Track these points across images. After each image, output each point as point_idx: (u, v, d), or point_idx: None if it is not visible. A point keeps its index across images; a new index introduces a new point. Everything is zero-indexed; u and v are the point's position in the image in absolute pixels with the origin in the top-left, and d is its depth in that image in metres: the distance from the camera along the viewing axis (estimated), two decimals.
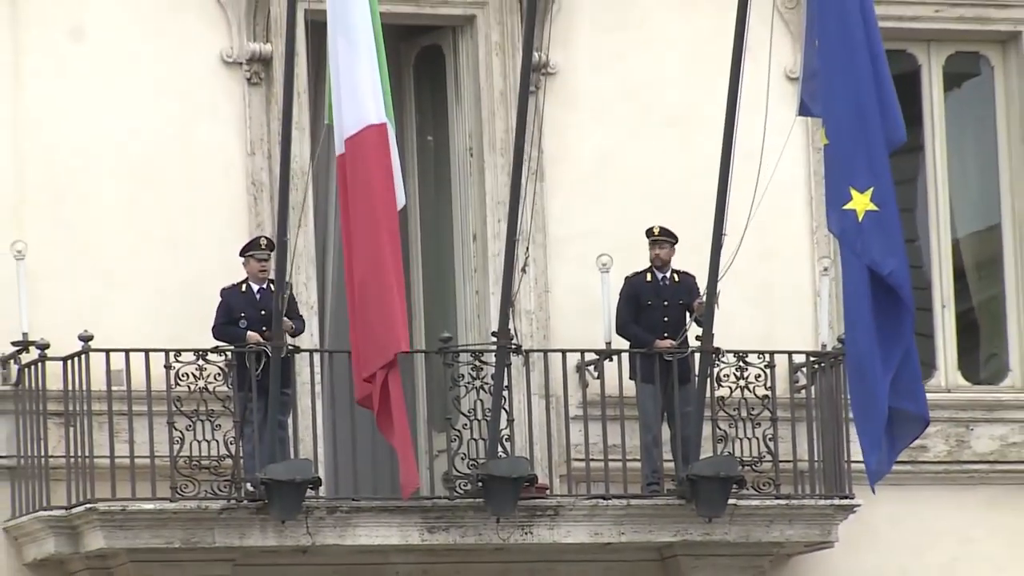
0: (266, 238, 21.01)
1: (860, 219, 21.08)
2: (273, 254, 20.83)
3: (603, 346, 21.53)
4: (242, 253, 20.84)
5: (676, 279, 21.41)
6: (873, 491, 21.45)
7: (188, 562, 20.62)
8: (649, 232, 21.40)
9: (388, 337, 20.49)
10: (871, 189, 21.10)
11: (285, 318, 21.01)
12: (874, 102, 21.46)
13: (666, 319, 21.30)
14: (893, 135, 21.33)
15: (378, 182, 20.77)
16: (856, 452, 21.60)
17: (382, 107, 20.59)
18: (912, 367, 21.36)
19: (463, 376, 21.05)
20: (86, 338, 20.11)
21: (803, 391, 21.87)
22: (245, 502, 20.34)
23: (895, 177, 22.43)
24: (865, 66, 21.46)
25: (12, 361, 20.71)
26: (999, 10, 23.49)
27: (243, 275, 20.88)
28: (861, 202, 21.05)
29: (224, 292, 20.77)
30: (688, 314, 21.42)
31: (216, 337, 20.90)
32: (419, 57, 22.73)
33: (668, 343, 21.18)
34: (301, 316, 21.06)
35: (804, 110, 21.31)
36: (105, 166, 21.60)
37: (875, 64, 21.46)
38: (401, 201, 20.57)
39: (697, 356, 21.32)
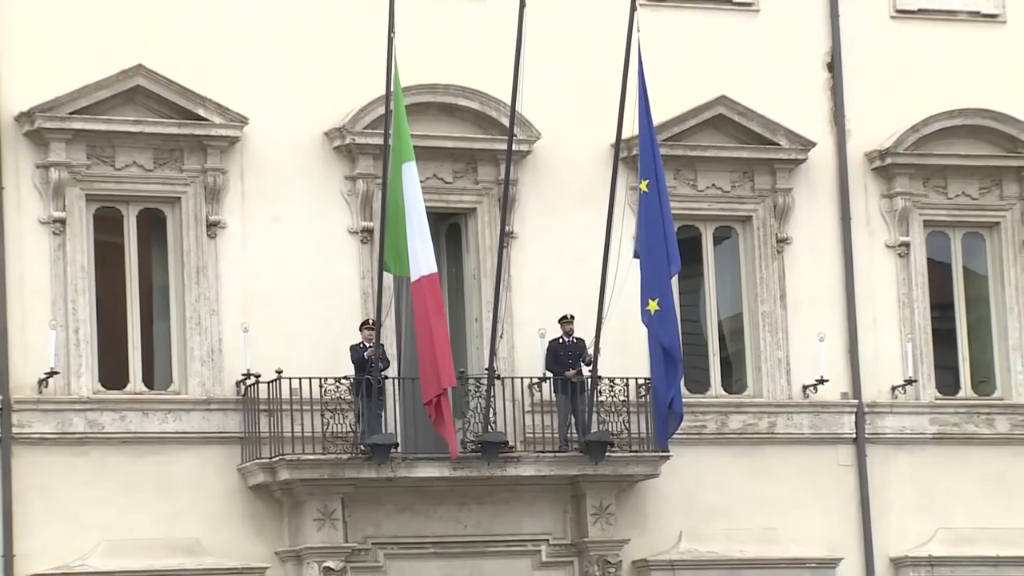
0: (371, 320, 22.06)
1: (653, 314, 22.30)
2: (371, 331, 22.04)
3: (541, 375, 22.95)
4: (360, 327, 22.13)
5: (575, 341, 22.74)
6: (666, 450, 22.68)
7: (330, 485, 21.84)
8: (561, 318, 22.75)
9: (441, 377, 21.34)
10: (657, 299, 22.22)
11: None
12: (663, 250, 22.24)
13: (570, 362, 22.65)
14: (673, 267, 22.37)
15: (433, 302, 21.51)
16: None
17: (433, 262, 21.43)
18: (678, 396, 22.48)
19: (470, 390, 22.43)
20: (279, 371, 21.72)
21: (643, 397, 23.04)
22: (359, 455, 21.80)
23: (690, 288, 24.21)
24: (659, 232, 22.22)
25: (242, 384, 22.13)
26: (740, 204, 24.32)
27: (359, 339, 22.07)
28: (652, 305, 22.21)
29: (352, 346, 21.99)
30: (581, 360, 22.67)
31: (352, 361, 21.84)
32: (448, 229, 23.62)
33: (572, 373, 22.58)
34: (388, 359, 22.12)
35: (636, 255, 22.51)
36: (287, 285, 22.63)
37: (666, 231, 22.31)
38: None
39: (589, 380, 22.71)
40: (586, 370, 22.70)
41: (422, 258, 21.30)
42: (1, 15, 21.67)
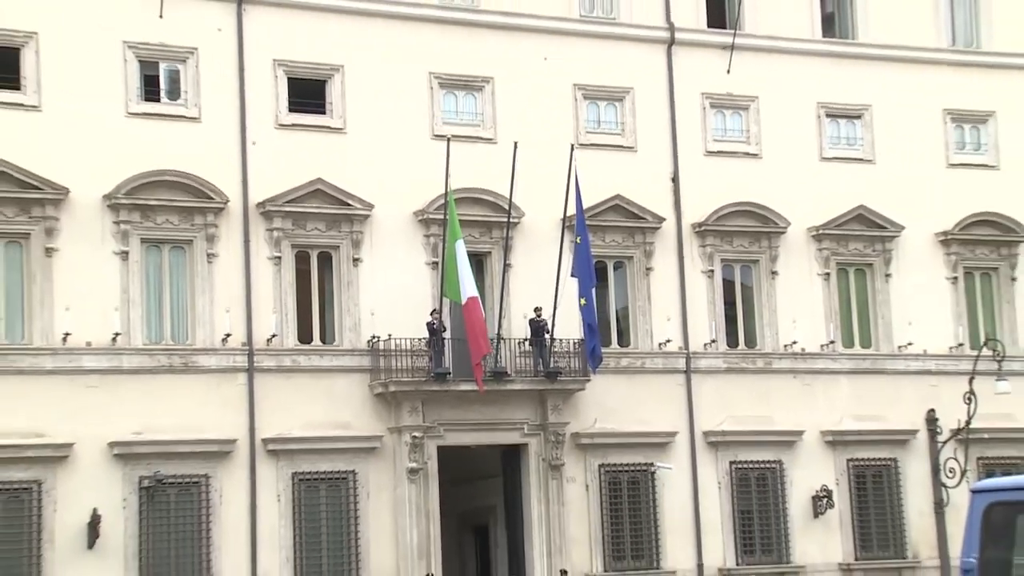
0: (435, 310, 24.01)
1: (583, 306, 24.00)
2: (438, 315, 24.14)
3: (524, 337, 25.27)
4: (431, 313, 24.26)
5: (543, 320, 24.97)
6: (594, 372, 24.48)
7: (416, 393, 24.32)
8: (535, 308, 24.90)
9: (483, 348, 23.25)
10: (584, 299, 24.04)
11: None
12: (588, 273, 24.00)
13: (539, 331, 25.05)
14: (592, 282, 24.08)
15: (477, 315, 23.30)
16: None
17: (473, 287, 23.23)
18: (597, 346, 24.02)
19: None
20: (390, 335, 24.06)
21: (578, 349, 25.30)
22: (431, 378, 24.31)
23: (600, 294, 25.56)
24: (586, 264, 23.99)
25: (371, 342, 24.31)
26: (626, 250, 26.23)
27: (431, 318, 24.12)
28: (582, 301, 24.01)
29: (427, 323, 24.23)
30: (545, 331, 24.86)
31: (428, 329, 23.74)
32: (476, 264, 24.69)
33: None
34: (444, 326, 23.90)
35: (572, 275, 24.34)
36: (395, 291, 24.61)
37: (590, 264, 24.16)
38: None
39: (549, 340, 25.01)
40: (548, 337, 25.29)
41: (469, 288, 23.30)
42: (249, 153, 24.27)
